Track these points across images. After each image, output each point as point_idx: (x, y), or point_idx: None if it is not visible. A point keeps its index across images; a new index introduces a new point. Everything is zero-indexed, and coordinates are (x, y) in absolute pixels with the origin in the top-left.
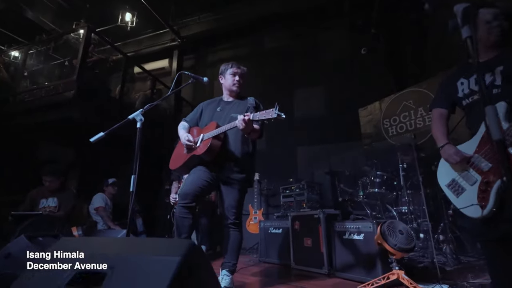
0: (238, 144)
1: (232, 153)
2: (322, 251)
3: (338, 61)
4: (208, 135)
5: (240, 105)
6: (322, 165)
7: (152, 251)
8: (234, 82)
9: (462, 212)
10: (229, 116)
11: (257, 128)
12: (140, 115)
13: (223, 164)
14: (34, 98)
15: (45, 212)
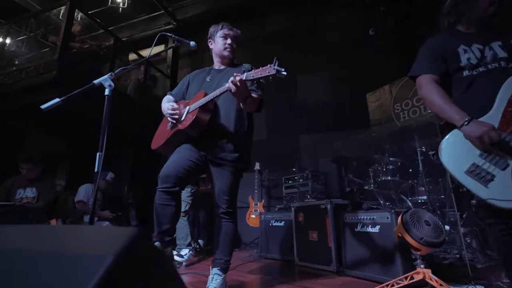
0: (232, 118)
1: (224, 128)
2: (330, 245)
3: (343, 43)
4: (194, 106)
5: (233, 72)
6: (327, 154)
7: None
8: (225, 46)
9: (498, 205)
10: (220, 86)
11: (254, 96)
12: (109, 80)
13: (213, 141)
14: (14, 81)
15: (20, 203)
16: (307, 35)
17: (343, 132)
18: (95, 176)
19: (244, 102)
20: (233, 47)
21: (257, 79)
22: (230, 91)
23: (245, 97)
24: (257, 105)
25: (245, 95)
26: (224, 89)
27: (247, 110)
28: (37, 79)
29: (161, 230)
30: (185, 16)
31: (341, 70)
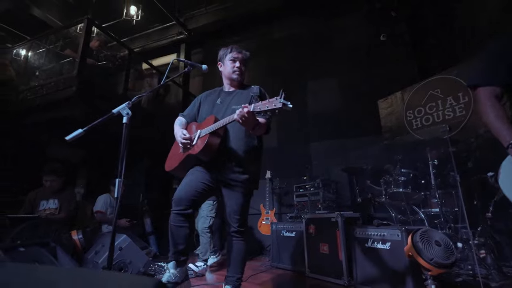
0: (241, 140)
1: (233, 151)
2: (340, 259)
3: (354, 49)
4: (205, 131)
5: (242, 96)
6: (338, 162)
7: None
8: (234, 69)
9: None
10: (230, 108)
11: (262, 121)
12: (126, 108)
13: (223, 164)
14: (36, 96)
15: (44, 214)
16: (317, 41)
17: (354, 139)
18: (115, 201)
19: (253, 130)
20: (242, 69)
21: (264, 111)
22: (238, 122)
23: (253, 126)
24: (264, 129)
25: (253, 124)
26: (232, 119)
27: (256, 134)
28: (58, 95)
29: (176, 250)
30: (196, 25)
31: (351, 77)
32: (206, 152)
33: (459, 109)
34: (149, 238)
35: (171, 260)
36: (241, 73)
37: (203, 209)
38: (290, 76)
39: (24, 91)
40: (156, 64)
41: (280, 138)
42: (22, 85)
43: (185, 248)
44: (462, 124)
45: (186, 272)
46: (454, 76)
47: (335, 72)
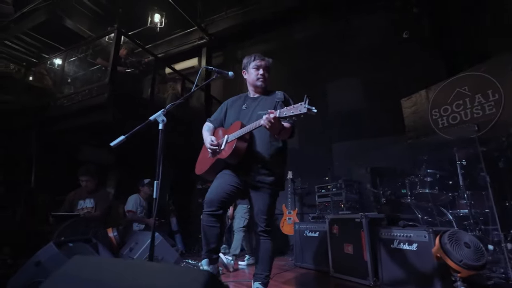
0: (266, 144)
1: (259, 154)
2: (365, 259)
3: (374, 47)
4: (232, 136)
5: (267, 101)
6: (360, 162)
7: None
8: (258, 76)
9: None
10: (255, 114)
11: (287, 126)
12: (162, 115)
13: (250, 167)
14: (72, 103)
15: (82, 212)
16: (336, 41)
17: (377, 139)
18: (154, 202)
19: (278, 135)
20: (265, 76)
21: (289, 117)
22: (265, 127)
23: (279, 130)
24: (289, 133)
25: (279, 129)
26: (258, 124)
27: (281, 138)
28: (91, 101)
29: (209, 249)
30: (216, 30)
31: (373, 76)
32: (234, 156)
33: (489, 107)
34: (175, 237)
35: (204, 258)
36: (265, 79)
37: (238, 211)
38: (311, 77)
39: (61, 98)
40: (178, 68)
41: (301, 139)
42: (58, 93)
43: (216, 246)
44: (492, 123)
45: (218, 269)
46: (482, 73)
47: (356, 71)
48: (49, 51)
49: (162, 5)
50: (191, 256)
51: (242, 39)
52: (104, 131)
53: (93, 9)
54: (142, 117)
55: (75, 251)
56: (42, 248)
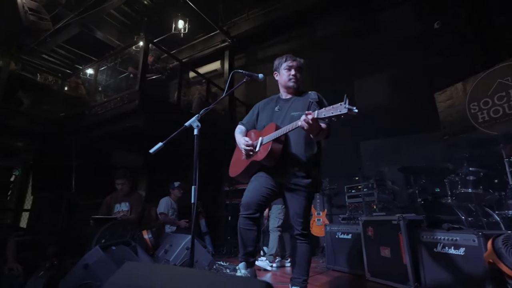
0: (302, 145)
1: (295, 156)
2: (405, 263)
3: (403, 41)
4: (267, 138)
5: (300, 102)
6: (392, 161)
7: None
8: (290, 77)
9: None
10: (289, 115)
11: (324, 127)
12: (196, 121)
13: (285, 169)
14: (105, 110)
15: (119, 215)
16: (361, 37)
17: (409, 136)
18: (192, 207)
19: (316, 135)
20: (297, 77)
21: (329, 118)
22: (303, 128)
23: (317, 132)
24: (326, 134)
25: (317, 130)
26: (296, 126)
27: (318, 139)
28: (123, 108)
29: (246, 252)
30: (238, 32)
31: (403, 70)
32: (270, 158)
33: None
34: (205, 238)
35: (241, 261)
36: (297, 80)
37: (273, 211)
38: (336, 74)
39: (95, 106)
40: (202, 72)
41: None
42: (92, 101)
43: (253, 249)
44: None
45: (255, 272)
46: None
47: (384, 66)
48: (82, 62)
49: (185, 11)
50: (221, 257)
51: (264, 40)
52: (135, 136)
53: (120, 20)
54: (170, 121)
55: (118, 254)
56: (89, 251)
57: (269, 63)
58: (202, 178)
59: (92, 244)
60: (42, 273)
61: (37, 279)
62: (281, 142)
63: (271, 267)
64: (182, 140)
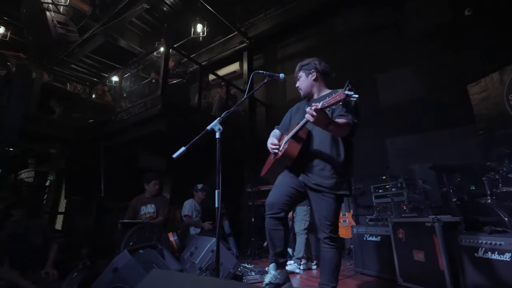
0: (326, 144)
1: (319, 155)
2: (441, 268)
3: (429, 31)
4: (287, 137)
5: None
6: (422, 159)
7: None
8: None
9: None
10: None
11: (342, 122)
12: (218, 124)
13: (309, 168)
14: (130, 116)
15: (145, 217)
16: (384, 30)
17: (439, 132)
18: (216, 211)
19: (326, 129)
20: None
21: (331, 105)
22: (310, 122)
23: (325, 124)
24: (345, 129)
25: (324, 122)
26: (305, 120)
27: (337, 135)
28: (147, 113)
29: (275, 252)
30: (256, 32)
31: (431, 62)
32: (287, 156)
33: None
34: (229, 240)
35: (271, 262)
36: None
37: (298, 213)
38: (358, 70)
39: (120, 112)
40: (221, 74)
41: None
42: (117, 108)
43: (283, 250)
44: None
45: (286, 274)
46: None
47: (410, 59)
48: (107, 70)
49: (203, 14)
50: (245, 259)
51: (282, 39)
52: (159, 140)
53: (142, 27)
54: (192, 124)
55: (145, 258)
56: (118, 255)
57: (288, 62)
58: (225, 179)
59: (121, 247)
60: (76, 275)
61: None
62: (299, 140)
63: (298, 269)
64: (204, 143)
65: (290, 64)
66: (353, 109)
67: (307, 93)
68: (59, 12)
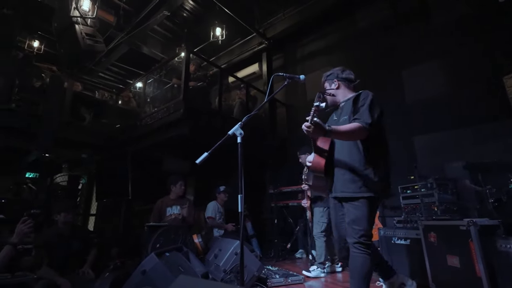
0: (344, 150)
1: (340, 162)
2: (479, 275)
3: (458, 21)
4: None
5: (349, 105)
6: (453, 157)
7: None
8: None
9: None
10: (340, 120)
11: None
12: (239, 129)
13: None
14: (154, 121)
15: (170, 218)
16: (407, 22)
17: (472, 128)
18: (239, 216)
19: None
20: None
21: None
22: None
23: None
24: (355, 134)
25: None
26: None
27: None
28: (170, 118)
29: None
30: (274, 32)
31: (460, 54)
32: (315, 170)
33: None
34: (252, 241)
35: None
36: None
37: (315, 215)
38: (381, 66)
39: (145, 117)
40: (240, 76)
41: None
42: (142, 113)
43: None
44: None
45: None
46: None
47: (438, 52)
48: (132, 77)
49: (221, 18)
50: (269, 261)
51: (301, 37)
52: (182, 143)
53: (163, 34)
54: (213, 127)
55: (172, 260)
56: (146, 257)
57: (308, 61)
58: (247, 181)
59: (148, 248)
60: (108, 275)
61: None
62: (321, 153)
63: (323, 273)
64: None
65: (310, 63)
66: (365, 111)
67: (333, 102)
68: (86, 25)
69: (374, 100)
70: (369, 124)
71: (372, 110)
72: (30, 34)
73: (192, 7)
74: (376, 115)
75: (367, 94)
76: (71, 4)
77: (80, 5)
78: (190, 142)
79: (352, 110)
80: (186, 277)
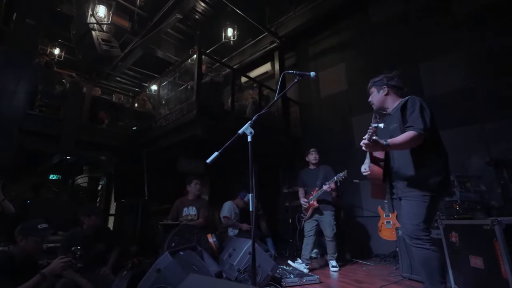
0: (400, 156)
1: (396, 168)
2: (505, 277)
3: (480, 11)
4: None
5: (397, 113)
6: (476, 153)
7: None
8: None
9: None
10: (389, 129)
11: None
12: (249, 127)
13: (393, 181)
14: (168, 122)
15: (186, 219)
16: (425, 15)
17: (496, 123)
18: (251, 215)
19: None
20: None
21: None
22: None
23: (381, 149)
24: (411, 142)
25: (376, 147)
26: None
27: (406, 149)
28: (183, 119)
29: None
30: (286, 31)
31: (482, 46)
32: (372, 179)
33: None
34: (267, 241)
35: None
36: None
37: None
38: (398, 61)
39: (159, 119)
40: (253, 76)
41: None
42: (157, 115)
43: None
44: None
45: None
46: None
47: (457, 44)
48: (147, 80)
49: (233, 18)
50: (283, 261)
51: (314, 35)
52: (196, 144)
53: (176, 37)
54: (226, 128)
55: (185, 259)
56: (160, 256)
57: (321, 58)
58: (261, 180)
59: (164, 247)
60: (126, 273)
61: (122, 278)
62: (376, 162)
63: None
64: (239, 144)
65: (322, 60)
66: (417, 118)
67: (379, 107)
68: (102, 31)
69: (422, 104)
70: (423, 129)
71: (423, 114)
72: (51, 42)
73: (203, 9)
74: (428, 118)
75: (414, 100)
76: (87, 12)
77: (96, 12)
78: (204, 142)
79: (401, 118)
80: (196, 275)
